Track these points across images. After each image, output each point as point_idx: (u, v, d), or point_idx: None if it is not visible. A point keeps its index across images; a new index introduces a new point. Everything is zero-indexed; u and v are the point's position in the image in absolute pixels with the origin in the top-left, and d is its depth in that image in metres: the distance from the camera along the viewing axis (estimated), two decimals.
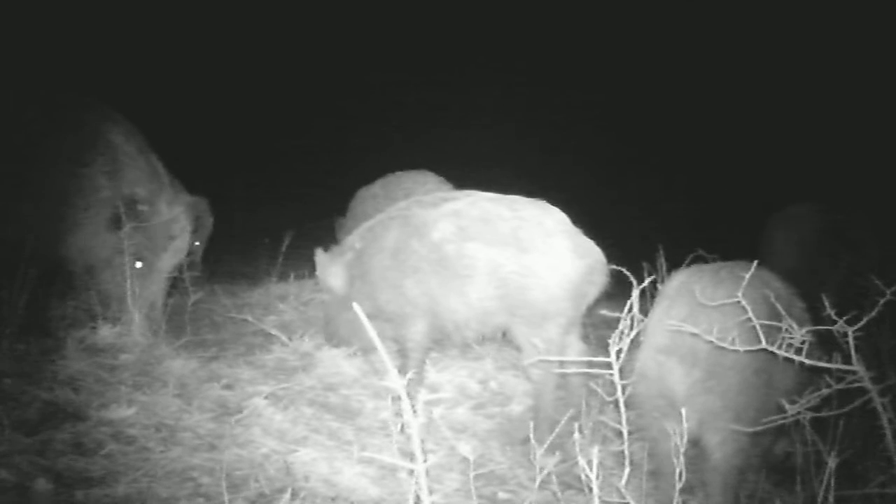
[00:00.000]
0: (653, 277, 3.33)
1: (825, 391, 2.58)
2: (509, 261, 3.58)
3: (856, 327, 2.39)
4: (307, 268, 5.73)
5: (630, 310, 2.40)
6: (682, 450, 2.47)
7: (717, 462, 2.89)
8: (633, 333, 2.38)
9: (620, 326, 2.36)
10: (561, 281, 3.56)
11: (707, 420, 2.85)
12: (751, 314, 2.51)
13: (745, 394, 2.83)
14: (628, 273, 3.12)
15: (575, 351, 3.75)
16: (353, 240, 4.09)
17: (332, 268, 4.05)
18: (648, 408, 2.93)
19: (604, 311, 2.67)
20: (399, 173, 5.67)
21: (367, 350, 4.04)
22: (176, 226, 4.03)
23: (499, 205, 3.75)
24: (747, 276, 2.62)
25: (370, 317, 3.12)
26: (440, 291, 3.71)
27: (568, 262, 3.58)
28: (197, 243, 5.17)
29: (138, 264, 3.92)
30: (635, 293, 2.46)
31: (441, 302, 3.72)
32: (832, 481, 2.59)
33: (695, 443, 2.92)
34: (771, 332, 2.51)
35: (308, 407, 3.60)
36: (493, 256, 3.60)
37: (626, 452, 2.36)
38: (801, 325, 2.55)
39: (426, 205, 3.91)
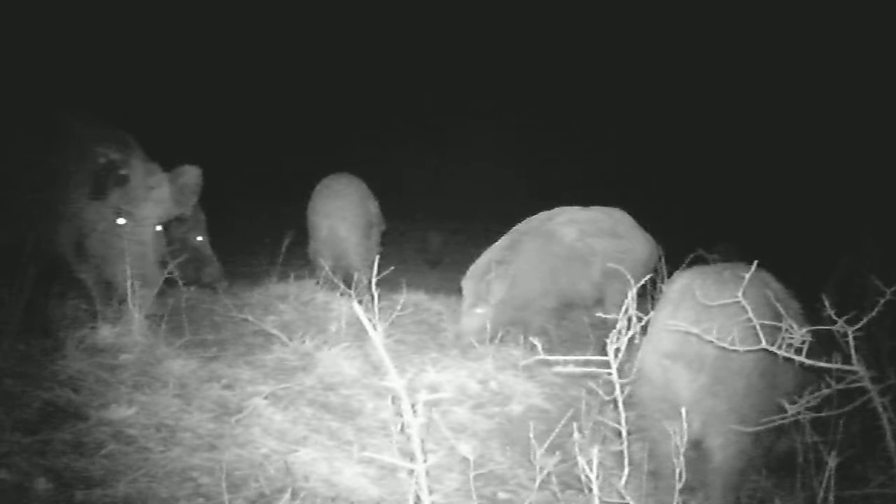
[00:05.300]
0: (650, 276, 3.34)
1: (825, 391, 2.58)
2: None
3: (856, 327, 2.39)
4: (307, 268, 5.75)
5: (627, 310, 2.40)
6: (682, 450, 2.47)
7: (720, 464, 2.88)
8: (630, 332, 2.38)
9: (618, 325, 2.36)
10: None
11: (711, 423, 2.84)
12: (751, 315, 2.51)
13: (751, 397, 2.82)
14: (626, 273, 3.11)
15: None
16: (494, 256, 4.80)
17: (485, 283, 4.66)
18: (650, 410, 2.92)
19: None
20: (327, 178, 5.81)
21: (537, 334, 4.39)
22: (153, 178, 4.01)
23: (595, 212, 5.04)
24: (747, 277, 2.61)
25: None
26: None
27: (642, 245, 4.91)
28: (200, 238, 5.09)
29: (121, 220, 3.89)
30: (632, 292, 2.46)
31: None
32: (832, 481, 2.59)
33: (696, 445, 2.91)
34: (774, 334, 2.50)
35: (308, 407, 3.60)
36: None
37: (626, 452, 2.36)
38: (799, 325, 2.54)
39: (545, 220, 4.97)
